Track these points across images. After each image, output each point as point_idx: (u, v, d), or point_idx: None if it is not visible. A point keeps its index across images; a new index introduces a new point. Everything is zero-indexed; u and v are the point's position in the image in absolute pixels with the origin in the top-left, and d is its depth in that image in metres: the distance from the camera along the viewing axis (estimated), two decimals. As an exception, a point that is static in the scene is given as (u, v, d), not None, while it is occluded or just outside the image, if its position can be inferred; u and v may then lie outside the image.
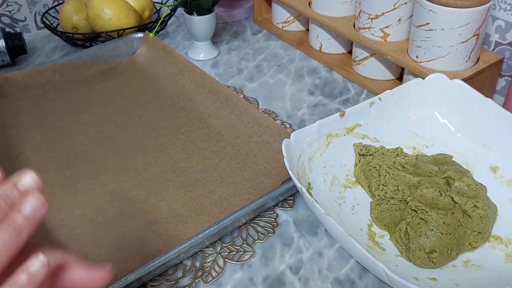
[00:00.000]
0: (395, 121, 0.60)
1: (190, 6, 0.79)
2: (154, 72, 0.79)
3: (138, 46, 0.83)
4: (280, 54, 0.86)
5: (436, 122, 0.61)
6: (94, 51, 0.80)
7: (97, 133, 0.67)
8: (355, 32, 0.76)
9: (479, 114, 0.58)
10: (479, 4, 0.62)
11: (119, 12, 0.83)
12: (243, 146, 0.64)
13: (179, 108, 0.72)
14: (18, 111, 0.71)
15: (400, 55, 0.71)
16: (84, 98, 0.74)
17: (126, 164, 0.62)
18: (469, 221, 0.49)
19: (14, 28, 0.92)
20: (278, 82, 0.79)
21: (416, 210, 0.49)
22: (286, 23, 0.90)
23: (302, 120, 0.71)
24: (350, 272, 0.50)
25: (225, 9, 0.96)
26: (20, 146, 0.65)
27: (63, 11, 0.86)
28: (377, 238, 0.51)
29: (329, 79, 0.79)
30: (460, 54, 0.66)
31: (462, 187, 0.50)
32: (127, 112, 0.71)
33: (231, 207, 0.55)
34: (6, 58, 0.81)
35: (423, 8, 0.65)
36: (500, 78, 0.73)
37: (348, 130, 0.58)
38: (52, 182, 0.59)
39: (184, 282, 0.49)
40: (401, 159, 0.54)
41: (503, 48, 0.71)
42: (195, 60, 0.84)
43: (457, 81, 0.59)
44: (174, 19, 0.98)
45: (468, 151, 0.58)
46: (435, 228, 0.47)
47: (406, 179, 0.52)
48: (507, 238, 0.50)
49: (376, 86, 0.75)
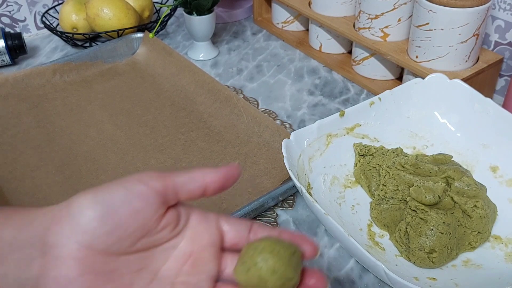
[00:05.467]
0: (395, 121, 0.60)
1: (190, 6, 0.79)
2: (154, 72, 0.79)
3: (138, 46, 0.83)
4: (280, 54, 0.86)
5: (435, 122, 0.61)
6: (94, 51, 0.80)
7: (97, 133, 0.67)
8: (355, 32, 0.76)
9: (479, 114, 0.58)
10: (479, 4, 0.62)
11: (119, 12, 0.83)
12: (243, 146, 0.64)
13: (179, 108, 0.72)
14: (19, 111, 0.71)
15: (399, 55, 0.71)
16: (84, 98, 0.74)
17: (126, 164, 0.62)
18: (469, 221, 0.49)
19: (14, 28, 0.92)
20: (278, 82, 0.79)
21: (416, 210, 0.49)
22: (286, 23, 0.90)
23: (302, 120, 0.71)
24: (350, 272, 0.50)
25: (225, 9, 0.96)
26: (20, 146, 0.65)
27: (63, 11, 0.86)
28: (377, 238, 0.51)
29: (329, 79, 0.79)
30: (460, 54, 0.66)
31: (462, 187, 0.50)
32: (127, 112, 0.71)
33: (231, 207, 0.55)
34: (6, 58, 0.81)
35: (422, 8, 0.65)
36: (499, 78, 0.73)
37: (348, 130, 0.58)
38: (52, 182, 0.60)
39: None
40: (401, 159, 0.55)
41: (502, 48, 0.71)
42: (195, 60, 0.84)
43: (457, 81, 0.59)
44: (174, 19, 0.98)
45: (467, 151, 0.58)
46: (435, 228, 0.47)
47: (406, 179, 0.52)
48: (507, 237, 0.50)
49: (376, 86, 0.75)
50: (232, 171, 0.33)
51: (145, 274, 0.32)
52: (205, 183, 0.33)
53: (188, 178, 0.32)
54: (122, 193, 0.30)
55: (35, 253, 0.29)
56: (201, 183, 0.32)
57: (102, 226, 0.29)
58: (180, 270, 0.33)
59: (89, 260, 0.29)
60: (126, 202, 0.30)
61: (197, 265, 0.33)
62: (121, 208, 0.30)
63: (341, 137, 0.58)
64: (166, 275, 0.32)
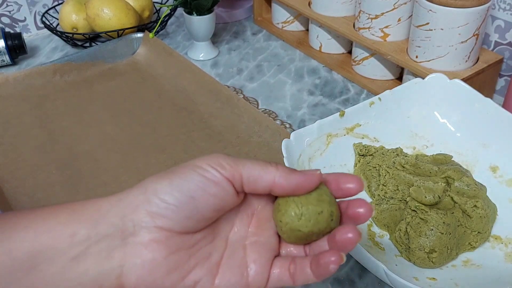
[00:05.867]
0: (395, 121, 0.60)
1: (190, 6, 0.79)
2: (154, 72, 0.79)
3: (138, 46, 0.83)
4: (280, 54, 0.86)
5: (436, 122, 0.61)
6: (94, 51, 0.80)
7: (98, 133, 0.67)
8: (355, 32, 0.76)
9: (479, 114, 0.58)
10: (479, 4, 0.62)
11: (119, 12, 0.83)
12: (243, 146, 0.64)
13: (180, 108, 0.72)
14: (20, 112, 0.71)
15: (399, 55, 0.71)
16: (85, 99, 0.74)
17: (127, 164, 0.62)
18: (468, 221, 0.49)
19: (14, 28, 0.92)
20: (278, 82, 0.79)
21: (416, 210, 0.49)
22: (286, 23, 0.90)
23: (302, 120, 0.71)
24: (350, 272, 0.50)
25: (225, 9, 0.96)
26: (21, 146, 0.65)
27: (63, 11, 0.86)
28: (377, 238, 0.51)
29: (329, 79, 0.79)
30: (460, 54, 0.66)
31: (462, 187, 0.50)
32: (128, 112, 0.72)
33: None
34: (6, 58, 0.81)
35: (422, 8, 0.65)
36: (499, 78, 0.73)
37: (348, 130, 0.58)
38: (53, 182, 0.60)
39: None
40: (401, 159, 0.55)
41: (502, 48, 0.71)
42: (195, 60, 0.85)
43: (457, 81, 0.59)
44: (174, 19, 0.98)
45: (467, 151, 0.58)
46: (435, 228, 0.47)
47: (406, 179, 0.52)
48: (507, 237, 0.50)
49: (376, 86, 0.75)
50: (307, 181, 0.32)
51: (219, 243, 0.33)
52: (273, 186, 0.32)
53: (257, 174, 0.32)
54: (197, 179, 0.31)
55: (114, 243, 0.30)
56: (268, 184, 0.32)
57: (181, 211, 0.30)
58: (247, 232, 0.34)
59: (170, 241, 0.31)
60: (202, 188, 0.31)
61: (261, 223, 0.34)
62: (198, 193, 0.31)
63: (341, 137, 0.58)
64: (236, 239, 0.34)
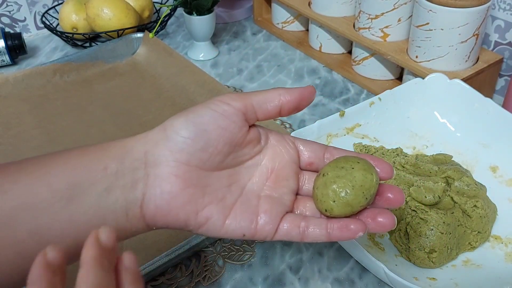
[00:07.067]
0: (395, 121, 0.60)
1: (190, 6, 0.79)
2: (154, 72, 0.79)
3: (138, 46, 0.83)
4: (280, 54, 0.86)
5: (435, 122, 0.61)
6: (94, 51, 0.80)
7: (98, 133, 0.67)
8: (355, 32, 0.76)
9: (479, 114, 0.58)
10: (479, 4, 0.62)
11: (119, 12, 0.83)
12: (243, 146, 0.64)
13: (180, 109, 0.72)
14: (19, 112, 0.71)
15: (399, 55, 0.71)
16: (85, 99, 0.74)
17: (127, 164, 0.62)
18: (468, 220, 0.49)
19: (14, 28, 0.92)
20: (278, 82, 0.79)
21: (416, 210, 0.49)
22: (286, 23, 0.90)
23: (302, 120, 0.71)
24: (350, 272, 0.50)
25: (225, 9, 0.96)
26: (21, 146, 0.65)
27: (63, 11, 0.86)
28: (376, 238, 0.51)
29: (329, 79, 0.79)
30: (460, 54, 0.66)
31: (462, 187, 0.50)
32: (128, 112, 0.72)
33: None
34: (6, 58, 0.81)
35: (422, 8, 0.65)
36: (499, 78, 0.73)
37: (348, 130, 0.58)
38: (53, 182, 0.60)
39: (184, 282, 0.49)
40: (401, 159, 0.55)
41: (502, 48, 0.71)
42: (195, 60, 0.85)
43: (457, 81, 0.59)
44: (174, 19, 0.98)
45: (467, 151, 0.58)
46: (435, 228, 0.47)
47: (406, 179, 0.52)
48: (507, 237, 0.50)
49: (376, 86, 0.75)
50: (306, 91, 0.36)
51: (235, 189, 0.35)
52: (281, 103, 0.35)
53: (264, 98, 0.35)
54: (209, 114, 0.34)
55: (138, 175, 0.33)
56: (277, 103, 0.35)
57: (196, 144, 0.33)
58: (264, 185, 0.36)
59: (188, 175, 0.33)
60: (213, 121, 0.34)
61: (278, 180, 0.36)
62: (209, 126, 0.33)
63: (341, 137, 0.58)
64: (252, 189, 0.36)
